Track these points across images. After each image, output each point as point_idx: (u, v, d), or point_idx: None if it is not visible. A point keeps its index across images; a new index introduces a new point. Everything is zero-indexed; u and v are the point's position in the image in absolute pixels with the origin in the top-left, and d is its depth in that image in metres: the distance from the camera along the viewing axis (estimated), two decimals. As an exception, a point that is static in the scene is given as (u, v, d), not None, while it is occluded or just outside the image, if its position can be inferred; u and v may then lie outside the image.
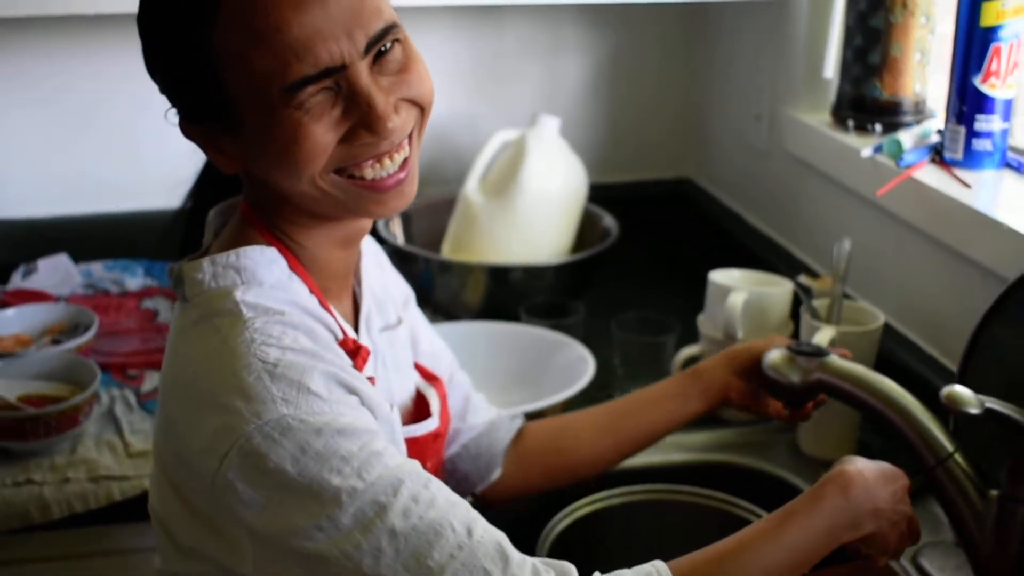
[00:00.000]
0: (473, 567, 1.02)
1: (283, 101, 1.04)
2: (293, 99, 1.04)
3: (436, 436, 1.34)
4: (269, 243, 1.15)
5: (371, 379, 1.18)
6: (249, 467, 1.01)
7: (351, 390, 1.07)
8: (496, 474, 1.47)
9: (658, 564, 1.11)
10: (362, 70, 1.06)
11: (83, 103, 2.17)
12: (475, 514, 1.06)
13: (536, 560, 1.06)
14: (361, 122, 1.07)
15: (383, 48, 1.08)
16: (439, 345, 1.48)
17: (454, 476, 1.47)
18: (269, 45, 1.03)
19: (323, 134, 1.06)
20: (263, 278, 1.11)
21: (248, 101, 1.06)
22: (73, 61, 2.16)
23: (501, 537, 1.06)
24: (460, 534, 1.03)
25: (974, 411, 1.18)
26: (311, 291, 1.15)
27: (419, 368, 1.40)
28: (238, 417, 1.01)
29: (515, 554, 1.05)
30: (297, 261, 1.15)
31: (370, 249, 1.39)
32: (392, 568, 1.01)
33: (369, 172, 1.10)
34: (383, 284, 1.38)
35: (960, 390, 1.18)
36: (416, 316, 1.47)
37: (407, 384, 1.36)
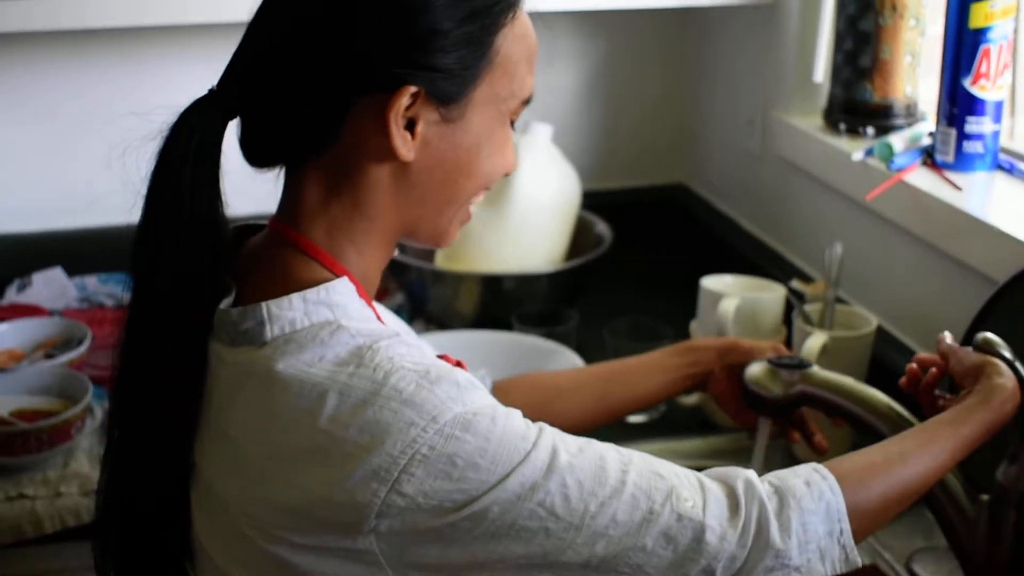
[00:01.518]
0: (644, 471, 1.05)
1: (514, 112, 1.13)
2: (517, 113, 1.14)
3: None
4: (336, 270, 1.09)
5: None
6: (437, 473, 0.98)
7: (475, 385, 1.06)
8: None
9: (818, 467, 1.12)
10: None
11: (77, 117, 2.17)
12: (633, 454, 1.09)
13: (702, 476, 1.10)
14: (510, 158, 1.17)
15: None
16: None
17: None
18: (530, 59, 1.13)
19: (512, 156, 1.16)
20: (352, 311, 1.07)
21: (488, 102, 1.10)
22: (67, 75, 2.16)
23: (661, 466, 1.08)
24: (617, 453, 1.06)
25: (1008, 354, 1.19)
26: (376, 316, 1.11)
27: None
28: (413, 427, 0.98)
29: (674, 468, 1.09)
30: (361, 287, 1.11)
31: None
32: (580, 499, 1.01)
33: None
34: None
35: (993, 335, 1.20)
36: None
37: None
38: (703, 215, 2.39)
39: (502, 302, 2.03)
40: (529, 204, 2.11)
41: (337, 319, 1.05)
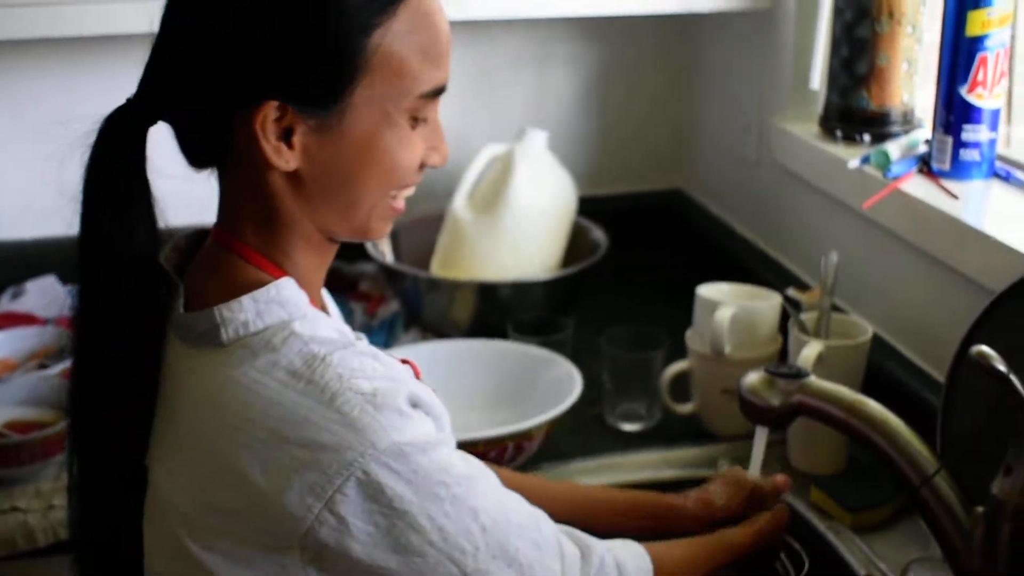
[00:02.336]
0: (542, 540, 1.13)
1: (411, 109, 1.10)
2: (417, 110, 1.11)
3: None
4: (272, 272, 1.11)
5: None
6: (366, 498, 1.02)
7: (420, 404, 1.08)
8: None
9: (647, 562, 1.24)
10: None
11: (73, 125, 2.16)
12: (520, 498, 1.15)
13: (561, 535, 1.17)
14: (433, 147, 1.15)
15: None
16: None
17: None
18: (426, 52, 1.09)
19: (418, 153, 1.13)
20: (304, 310, 1.10)
21: (370, 105, 1.08)
22: (63, 82, 2.16)
23: (540, 514, 1.16)
24: (527, 516, 1.13)
25: (1003, 368, 1.17)
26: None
27: None
28: (352, 450, 1.01)
29: (548, 531, 1.15)
30: (301, 288, 1.13)
31: None
32: (486, 561, 1.07)
33: (400, 198, 1.16)
34: (334, 308, 1.36)
35: (987, 349, 1.19)
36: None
37: None
38: (699, 221, 2.39)
39: (497, 310, 2.02)
40: (525, 211, 2.10)
41: (291, 317, 1.08)
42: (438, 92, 1.12)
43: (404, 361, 1.18)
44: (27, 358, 1.88)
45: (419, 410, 1.07)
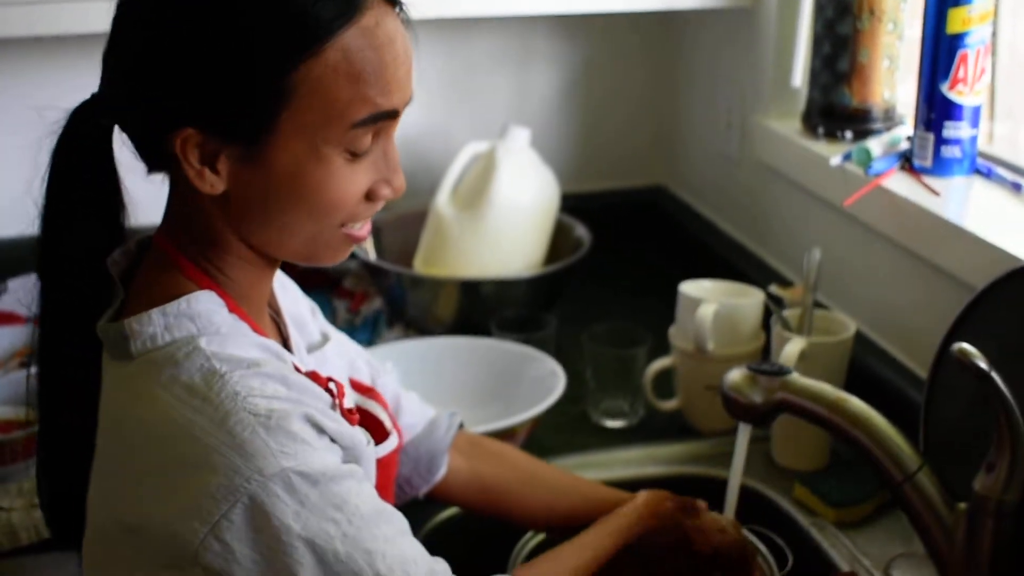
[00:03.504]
0: None
1: (345, 141, 1.04)
2: (352, 140, 1.04)
3: (397, 451, 1.33)
4: (203, 285, 1.09)
5: (352, 411, 1.18)
6: (251, 526, 0.99)
7: (325, 431, 1.05)
8: (441, 473, 1.45)
9: None
10: (396, 124, 1.09)
11: (54, 122, 2.15)
12: (424, 552, 1.11)
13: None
14: (384, 179, 1.09)
15: None
16: (352, 350, 1.44)
17: (395, 481, 1.44)
18: (362, 81, 1.03)
19: (358, 185, 1.07)
20: (219, 324, 1.07)
21: (296, 136, 1.03)
22: (47, 80, 2.15)
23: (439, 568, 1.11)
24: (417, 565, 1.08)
25: (984, 365, 1.17)
26: (254, 330, 1.11)
27: (352, 383, 1.36)
28: (237, 475, 0.98)
29: None
30: (233, 300, 1.11)
31: None
32: None
33: (362, 226, 1.11)
34: (293, 302, 1.33)
35: (968, 346, 1.19)
36: (326, 327, 1.42)
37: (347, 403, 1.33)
38: (682, 218, 2.39)
39: (480, 307, 2.02)
40: (508, 208, 2.10)
41: (201, 332, 1.05)
42: (379, 118, 1.05)
43: (330, 379, 1.14)
44: (9, 357, 1.87)
45: (323, 437, 1.04)
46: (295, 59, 1.01)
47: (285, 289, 1.33)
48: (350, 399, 1.29)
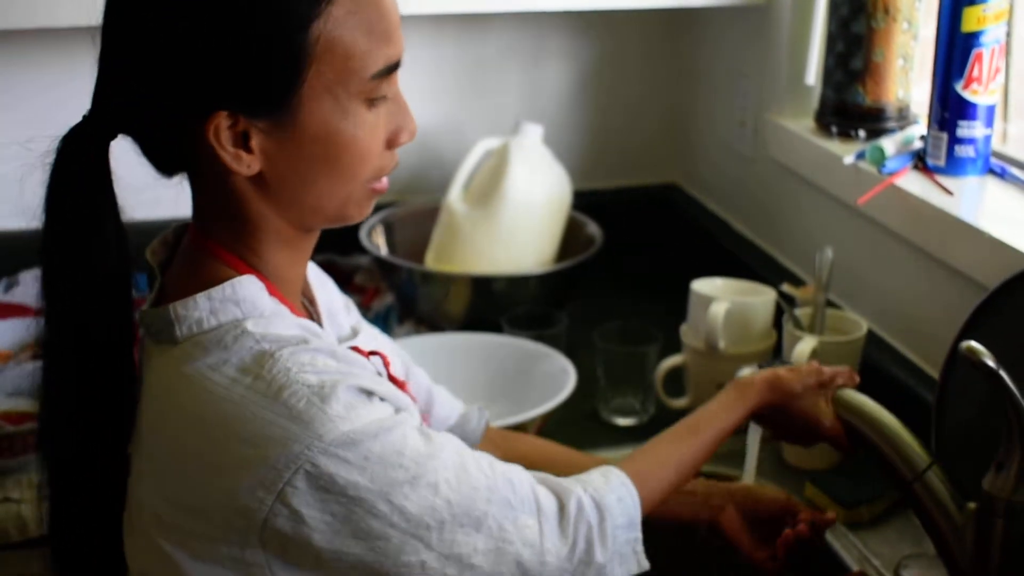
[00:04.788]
0: (502, 503, 1.11)
1: (365, 92, 1.07)
2: (371, 90, 1.07)
3: None
4: (242, 271, 1.11)
5: (397, 379, 1.21)
6: (317, 488, 1.02)
7: (375, 394, 1.07)
8: None
9: (623, 477, 1.22)
10: (398, 73, 1.12)
11: (65, 116, 2.15)
12: (492, 460, 1.14)
13: (537, 486, 1.15)
14: (401, 126, 1.13)
15: None
16: (385, 344, 1.45)
17: None
18: (372, 31, 1.06)
19: (381, 134, 1.11)
20: (263, 307, 1.09)
21: (321, 96, 1.05)
22: (57, 74, 2.15)
23: (512, 474, 1.14)
24: (488, 479, 1.11)
25: (993, 364, 1.17)
26: (293, 312, 1.13)
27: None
28: (299, 443, 1.01)
29: (522, 489, 1.13)
30: (271, 284, 1.12)
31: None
32: (452, 531, 1.07)
33: (383, 178, 1.14)
34: (328, 296, 1.35)
35: (977, 344, 1.18)
36: (359, 322, 1.44)
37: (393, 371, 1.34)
38: (695, 216, 2.39)
39: (492, 303, 2.02)
40: (520, 205, 2.10)
41: (245, 315, 1.07)
42: (392, 69, 1.09)
43: (374, 353, 1.18)
44: (21, 349, 1.88)
45: (373, 398, 1.07)
46: (306, 18, 1.03)
47: (323, 284, 1.36)
48: (396, 367, 1.31)
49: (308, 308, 1.25)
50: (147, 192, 1.14)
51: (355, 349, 1.15)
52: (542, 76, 2.40)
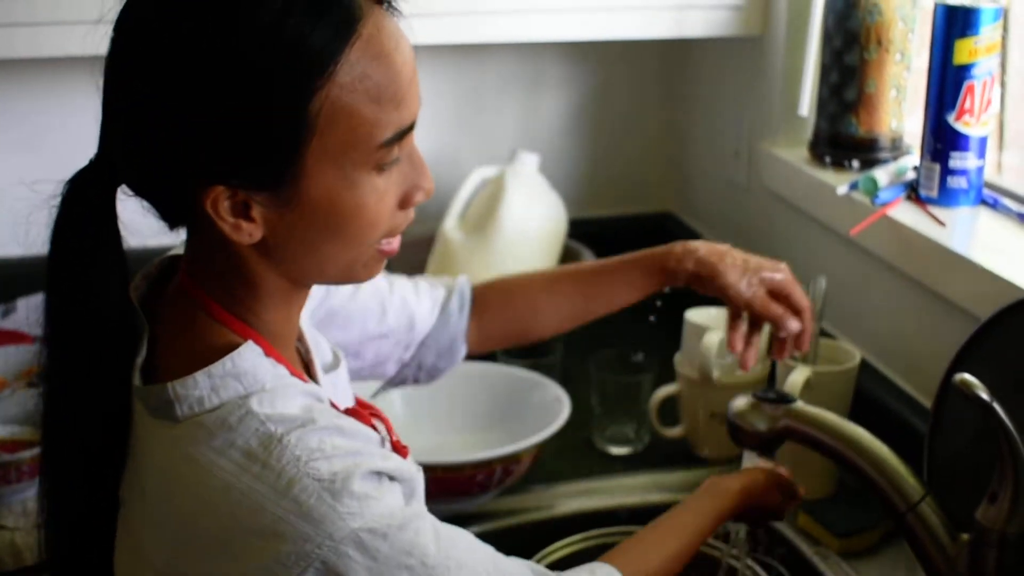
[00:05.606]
0: None
1: (371, 160, 1.02)
2: (381, 158, 1.02)
3: None
4: (239, 331, 1.08)
5: (403, 445, 1.17)
6: None
7: (388, 475, 1.04)
8: (462, 354, 1.59)
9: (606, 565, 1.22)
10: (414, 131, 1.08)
11: (63, 143, 2.16)
12: (498, 558, 1.12)
13: None
14: (415, 185, 1.07)
15: None
16: (364, 296, 1.50)
17: (423, 370, 1.58)
18: (381, 97, 1.01)
19: (392, 199, 1.05)
20: (263, 379, 1.04)
21: (325, 167, 1.00)
22: (54, 102, 2.16)
23: (516, 572, 1.12)
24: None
25: (986, 396, 1.16)
26: (291, 372, 1.09)
27: (358, 402, 1.34)
28: (310, 542, 0.98)
29: None
30: (269, 345, 1.09)
31: None
32: None
33: (392, 240, 1.10)
34: (311, 329, 1.32)
35: (970, 377, 1.18)
36: (336, 296, 1.44)
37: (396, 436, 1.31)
38: (689, 245, 2.39)
39: (487, 332, 2.02)
40: (515, 233, 2.11)
41: (248, 391, 1.03)
42: (403, 134, 1.04)
43: (374, 415, 1.14)
44: (17, 376, 1.88)
45: (383, 481, 1.03)
46: (307, 91, 0.98)
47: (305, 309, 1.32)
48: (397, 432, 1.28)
49: (300, 349, 1.22)
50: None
51: (355, 413, 1.11)
52: (538, 105, 2.41)
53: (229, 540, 1.00)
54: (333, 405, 1.11)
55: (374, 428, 1.12)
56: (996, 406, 1.16)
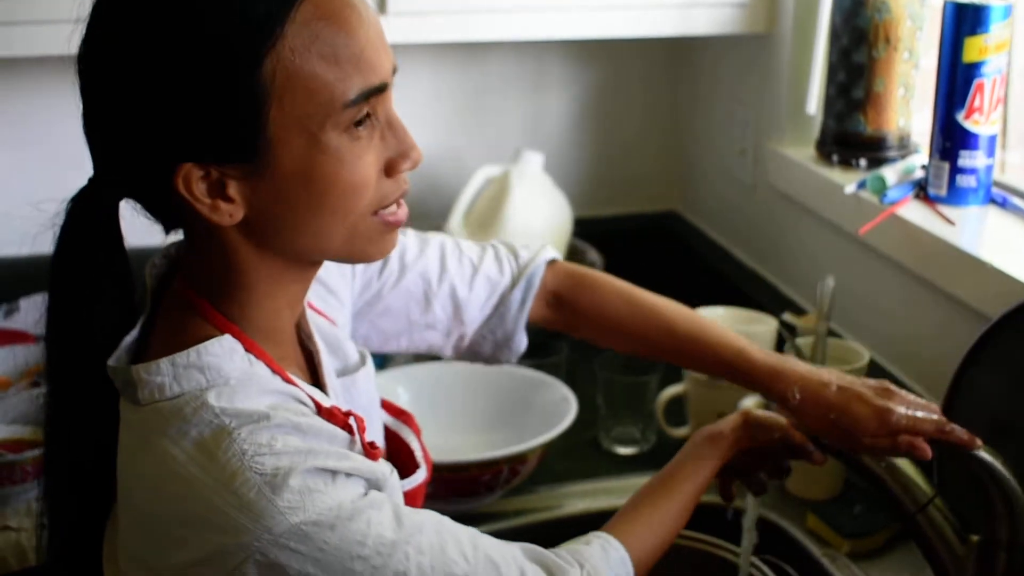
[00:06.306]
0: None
1: (339, 123, 1.01)
2: (349, 120, 1.01)
3: (424, 484, 1.30)
4: (219, 326, 1.07)
5: (374, 445, 1.14)
6: (270, 575, 0.98)
7: (345, 473, 1.03)
8: (521, 346, 1.48)
9: (621, 552, 1.19)
10: (391, 95, 1.06)
11: (66, 142, 2.15)
12: (478, 540, 1.08)
13: (527, 564, 1.09)
14: (399, 152, 1.06)
15: None
16: (407, 284, 1.43)
17: (481, 358, 1.49)
18: (337, 57, 1.00)
19: (371, 164, 1.04)
20: (228, 374, 1.04)
21: (292, 133, 1.00)
22: (54, 101, 2.15)
23: (499, 556, 1.08)
24: (462, 556, 1.05)
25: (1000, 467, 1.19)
26: (273, 371, 1.09)
27: (386, 405, 1.36)
28: (247, 535, 0.97)
29: (509, 572, 1.08)
30: (251, 340, 1.08)
31: None
32: None
33: (396, 209, 1.09)
34: (329, 316, 1.30)
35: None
36: (375, 286, 1.41)
37: (375, 428, 1.30)
38: (695, 244, 2.38)
39: (492, 332, 2.01)
40: (520, 232, 2.10)
41: (209, 384, 1.03)
42: (369, 94, 1.02)
43: (348, 414, 1.11)
44: (20, 376, 1.87)
45: (335, 478, 1.02)
46: (256, 56, 0.98)
47: (323, 300, 1.32)
48: (375, 431, 1.27)
49: (307, 344, 1.21)
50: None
51: (331, 413, 1.10)
52: (543, 104, 2.40)
53: (176, 527, 1.00)
54: (326, 409, 1.09)
55: (349, 429, 1.10)
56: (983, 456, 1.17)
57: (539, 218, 2.13)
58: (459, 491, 1.64)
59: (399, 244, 1.38)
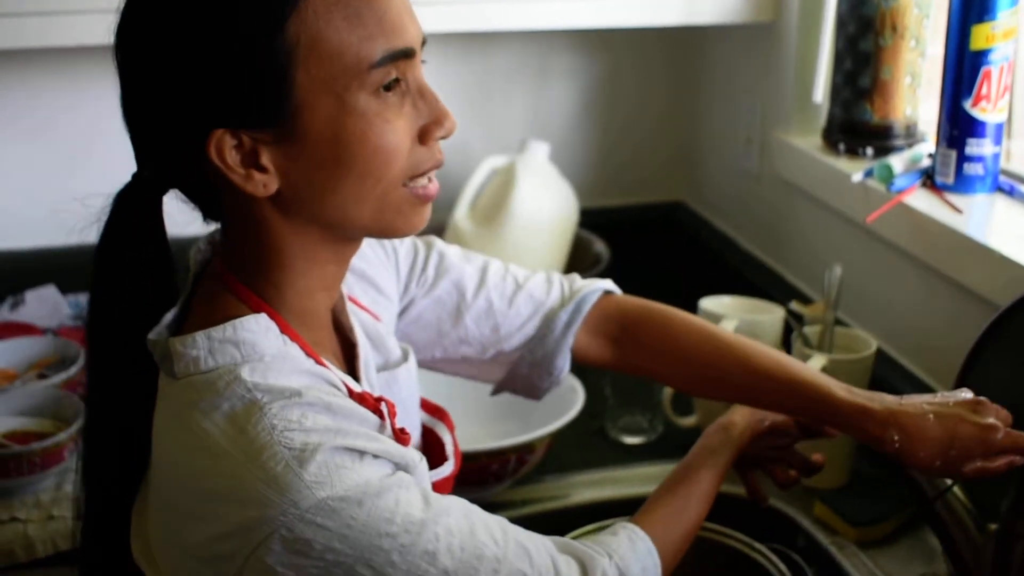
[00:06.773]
0: (513, 568, 1.05)
1: (367, 84, 1.01)
2: (377, 83, 1.01)
3: (451, 477, 1.31)
4: (254, 307, 1.08)
5: (404, 431, 1.13)
6: (294, 552, 0.98)
7: (372, 454, 1.02)
8: (562, 372, 1.44)
9: (649, 546, 1.19)
10: (419, 65, 1.07)
11: (71, 134, 2.16)
12: (507, 525, 1.09)
13: (558, 555, 1.10)
14: (432, 119, 1.06)
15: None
16: (439, 293, 1.40)
17: (518, 380, 1.45)
18: (361, 18, 1.01)
19: (402, 130, 1.04)
20: (263, 350, 1.05)
21: (320, 96, 1.00)
22: (61, 93, 2.15)
23: (529, 542, 1.08)
24: (493, 543, 1.05)
25: None
26: (307, 353, 1.09)
27: (424, 403, 1.36)
28: (274, 508, 0.97)
29: (540, 559, 1.08)
30: (286, 322, 1.09)
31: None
32: None
33: (427, 183, 1.08)
34: (374, 312, 1.30)
35: None
36: (410, 293, 1.39)
37: (413, 423, 1.31)
38: (702, 234, 2.38)
39: (499, 322, 2.01)
40: (526, 223, 2.10)
41: (244, 359, 1.04)
42: (396, 57, 1.03)
43: (380, 399, 1.11)
44: (27, 368, 1.87)
45: (364, 457, 1.01)
46: (278, 18, 0.99)
47: (367, 294, 1.32)
48: (412, 426, 1.28)
49: (348, 336, 1.21)
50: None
51: (362, 397, 1.10)
52: (548, 94, 2.40)
53: (203, 501, 1.00)
54: (357, 394, 1.10)
55: (379, 414, 1.10)
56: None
57: (545, 209, 2.13)
58: (467, 480, 1.64)
59: (437, 252, 1.40)
